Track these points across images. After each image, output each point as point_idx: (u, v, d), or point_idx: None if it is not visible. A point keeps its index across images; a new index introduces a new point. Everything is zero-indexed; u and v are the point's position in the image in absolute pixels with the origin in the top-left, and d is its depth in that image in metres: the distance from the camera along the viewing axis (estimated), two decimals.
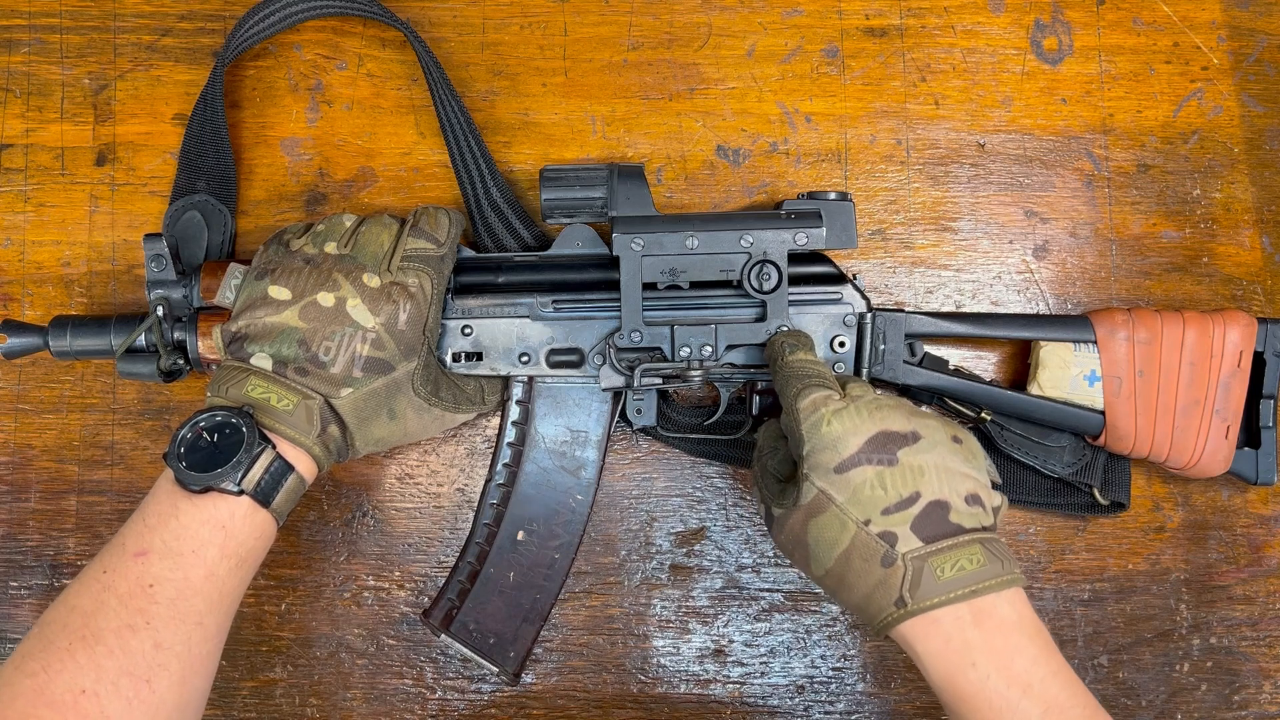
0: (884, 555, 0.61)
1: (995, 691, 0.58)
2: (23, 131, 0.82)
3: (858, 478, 0.62)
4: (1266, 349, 0.76)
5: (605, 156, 0.82)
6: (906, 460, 0.62)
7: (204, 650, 0.62)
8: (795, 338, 0.70)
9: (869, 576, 0.61)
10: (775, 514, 0.66)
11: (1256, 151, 0.83)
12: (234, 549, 0.63)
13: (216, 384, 0.68)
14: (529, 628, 0.76)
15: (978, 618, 0.59)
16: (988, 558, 0.60)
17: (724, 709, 0.81)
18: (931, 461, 0.62)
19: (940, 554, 0.60)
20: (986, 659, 0.59)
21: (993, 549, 0.61)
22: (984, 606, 0.60)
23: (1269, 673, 0.81)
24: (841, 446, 0.62)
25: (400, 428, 0.71)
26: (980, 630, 0.59)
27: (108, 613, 0.59)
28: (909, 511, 0.61)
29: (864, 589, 0.62)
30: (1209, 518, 0.82)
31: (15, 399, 0.81)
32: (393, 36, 0.82)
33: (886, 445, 0.62)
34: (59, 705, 0.56)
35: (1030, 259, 0.83)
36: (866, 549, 0.61)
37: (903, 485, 0.61)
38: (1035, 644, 0.60)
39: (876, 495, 0.61)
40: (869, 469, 0.62)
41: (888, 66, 0.83)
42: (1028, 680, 0.58)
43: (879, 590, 0.61)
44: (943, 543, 0.60)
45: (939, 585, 0.59)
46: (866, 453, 0.62)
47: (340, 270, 0.69)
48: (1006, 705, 0.58)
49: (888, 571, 0.60)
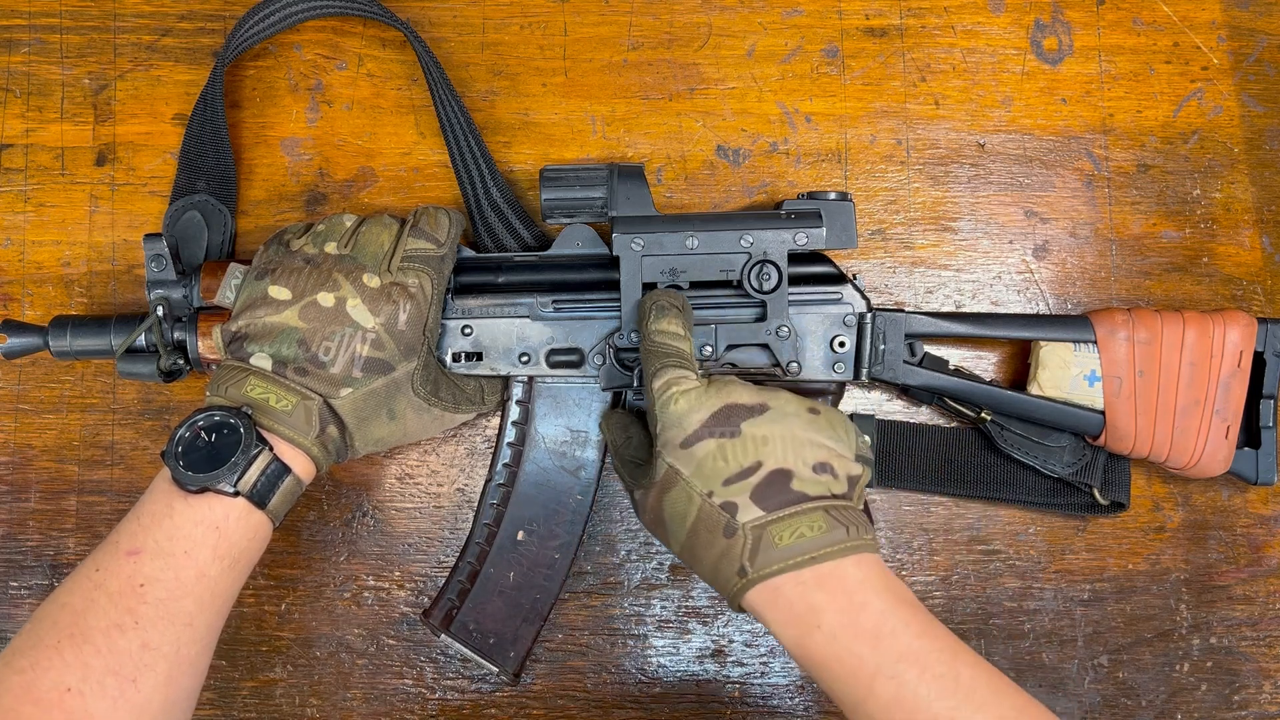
0: (725, 525, 0.61)
1: (843, 648, 0.58)
2: (23, 131, 0.82)
3: (701, 451, 0.63)
4: (1266, 349, 0.76)
5: (605, 156, 0.82)
6: (749, 431, 0.63)
7: (193, 651, 0.62)
8: (667, 297, 0.70)
9: (714, 548, 0.62)
10: (636, 496, 0.67)
11: (1256, 151, 0.83)
12: (227, 550, 0.63)
13: (216, 384, 0.68)
14: (529, 628, 0.76)
15: (821, 581, 0.59)
16: (830, 524, 0.60)
17: (724, 709, 0.81)
18: (777, 431, 0.63)
19: (779, 522, 0.60)
20: (832, 618, 0.58)
21: (838, 516, 0.61)
22: (826, 571, 0.59)
23: (1269, 673, 0.81)
24: (686, 422, 0.64)
25: (400, 428, 0.71)
26: (824, 592, 0.59)
27: (97, 611, 0.60)
28: (749, 481, 0.62)
29: (711, 560, 0.62)
30: (1209, 518, 0.82)
31: (15, 399, 0.81)
32: (393, 36, 0.82)
33: (730, 418, 0.63)
34: (44, 702, 0.56)
35: (1030, 259, 0.83)
36: (710, 520, 0.62)
37: (744, 455, 0.62)
38: (883, 599, 0.59)
39: (718, 466, 0.62)
40: (711, 442, 0.63)
41: (888, 66, 0.83)
42: (877, 633, 0.58)
43: (723, 561, 0.61)
44: (783, 511, 0.61)
45: (777, 553, 0.60)
46: (710, 426, 0.63)
47: (340, 270, 0.69)
48: (856, 660, 0.58)
49: (730, 542, 0.61)
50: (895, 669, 0.57)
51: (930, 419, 0.82)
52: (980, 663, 0.59)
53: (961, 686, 0.57)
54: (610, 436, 0.72)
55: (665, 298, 0.70)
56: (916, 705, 0.56)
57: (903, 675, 0.57)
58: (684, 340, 0.68)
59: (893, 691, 0.57)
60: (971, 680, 0.57)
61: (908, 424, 0.81)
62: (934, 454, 0.80)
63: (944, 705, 0.56)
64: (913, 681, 0.57)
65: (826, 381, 0.75)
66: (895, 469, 0.80)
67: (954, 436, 0.80)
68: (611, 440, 0.72)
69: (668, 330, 0.68)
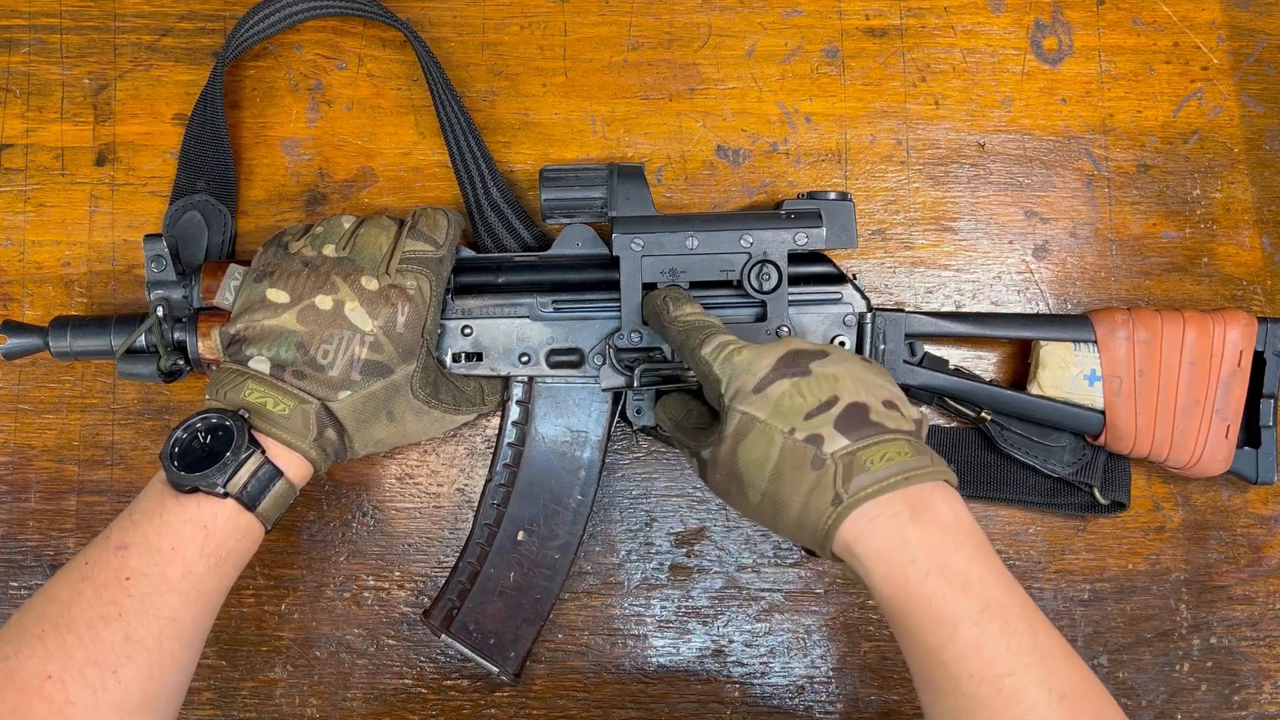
0: (813, 458, 0.60)
1: (934, 589, 0.57)
2: (23, 131, 0.82)
3: (775, 391, 0.62)
4: (1266, 348, 0.76)
5: (605, 156, 0.82)
6: (819, 370, 0.63)
7: (176, 646, 0.62)
8: (673, 293, 0.70)
9: (803, 484, 0.61)
10: (704, 456, 0.66)
11: (1256, 151, 0.83)
12: (214, 549, 0.63)
13: (214, 387, 0.68)
14: (529, 628, 0.76)
15: (915, 513, 0.58)
16: (915, 451, 0.60)
17: (724, 709, 0.81)
18: (845, 370, 0.63)
19: (867, 448, 0.60)
20: (926, 556, 0.58)
21: (918, 446, 0.61)
22: (920, 501, 0.59)
23: (1269, 673, 0.81)
24: (755, 367, 0.63)
25: (399, 430, 0.71)
26: (918, 526, 0.58)
27: (83, 603, 0.61)
28: (830, 413, 0.61)
29: (800, 499, 0.61)
30: (1209, 518, 0.82)
31: (15, 399, 0.81)
32: (393, 36, 0.82)
33: (797, 360, 0.63)
34: (25, 689, 0.58)
35: (1030, 259, 0.83)
36: (796, 456, 0.61)
37: (820, 390, 0.62)
38: (972, 542, 0.59)
39: (796, 403, 0.62)
40: (785, 381, 0.62)
41: (888, 66, 0.83)
42: (966, 578, 0.57)
43: (814, 495, 0.60)
44: (869, 439, 0.60)
45: (870, 475, 0.59)
46: (780, 369, 0.63)
47: (338, 273, 0.69)
48: (945, 603, 0.57)
49: (819, 474, 0.60)
50: (980, 618, 0.56)
51: (930, 419, 0.82)
52: (1054, 629, 0.59)
53: (1039, 646, 0.57)
54: (670, 414, 0.71)
55: (670, 294, 0.70)
56: (995, 656, 0.56)
57: (986, 625, 0.56)
58: (710, 316, 0.68)
59: (975, 639, 0.56)
60: (1048, 642, 0.57)
61: None
62: None
63: (1021, 662, 0.56)
64: (994, 634, 0.56)
65: None
66: None
67: (954, 436, 0.80)
68: (672, 416, 0.71)
69: (692, 313, 0.68)
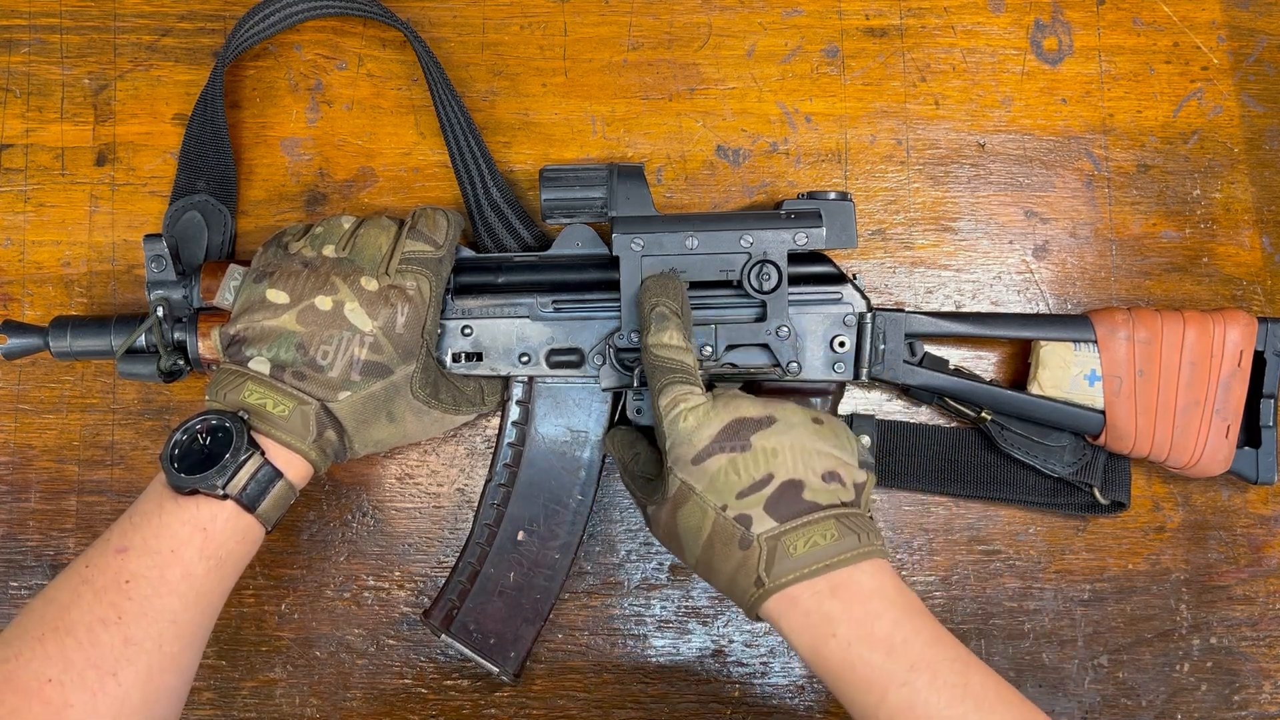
0: (741, 538, 0.62)
1: (858, 657, 0.59)
2: (23, 131, 0.82)
3: (713, 466, 0.63)
4: (1266, 348, 0.76)
5: (605, 156, 0.82)
6: (759, 444, 0.64)
7: (176, 648, 0.62)
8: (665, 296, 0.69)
9: (730, 560, 0.63)
10: (649, 511, 0.68)
11: (1256, 151, 0.83)
12: (213, 551, 0.63)
13: (214, 388, 0.68)
14: (529, 628, 0.76)
15: (835, 589, 0.60)
16: (842, 532, 0.61)
17: (724, 709, 0.81)
18: (786, 442, 0.64)
19: (792, 532, 0.61)
20: (847, 628, 0.60)
21: (849, 524, 0.62)
22: (841, 579, 0.61)
23: (1269, 673, 0.81)
24: (696, 439, 0.64)
25: (399, 430, 0.71)
26: (839, 600, 0.60)
27: (82, 606, 0.61)
28: (762, 493, 0.62)
29: (728, 573, 0.63)
30: (1209, 518, 0.82)
31: (15, 399, 0.81)
32: (393, 36, 0.82)
33: (739, 432, 0.64)
34: (24, 691, 0.58)
35: (1030, 259, 0.83)
36: (726, 533, 0.63)
37: (755, 468, 0.63)
38: (895, 608, 0.60)
39: (731, 480, 0.63)
40: (722, 457, 0.64)
41: (888, 66, 0.83)
42: (890, 642, 0.59)
43: (740, 573, 0.62)
44: (796, 521, 0.62)
45: (792, 562, 0.61)
46: (720, 441, 0.64)
47: (338, 274, 0.69)
48: (871, 668, 0.59)
49: (746, 554, 0.62)
50: (908, 677, 0.58)
51: (930, 419, 0.82)
52: (989, 672, 0.60)
53: (971, 694, 0.58)
54: (617, 454, 0.73)
55: (663, 298, 0.69)
56: (928, 712, 0.58)
57: (915, 683, 0.58)
58: (685, 352, 0.67)
59: (906, 699, 0.58)
60: (981, 688, 0.59)
61: (908, 424, 0.81)
62: (934, 454, 0.80)
63: (954, 713, 0.57)
64: (924, 689, 0.58)
65: (826, 381, 0.75)
66: (895, 469, 0.80)
67: (954, 436, 0.80)
68: (619, 457, 0.73)
69: (669, 344, 0.67)
